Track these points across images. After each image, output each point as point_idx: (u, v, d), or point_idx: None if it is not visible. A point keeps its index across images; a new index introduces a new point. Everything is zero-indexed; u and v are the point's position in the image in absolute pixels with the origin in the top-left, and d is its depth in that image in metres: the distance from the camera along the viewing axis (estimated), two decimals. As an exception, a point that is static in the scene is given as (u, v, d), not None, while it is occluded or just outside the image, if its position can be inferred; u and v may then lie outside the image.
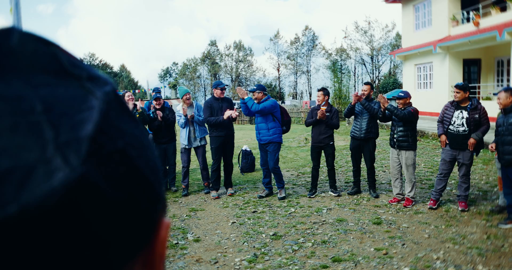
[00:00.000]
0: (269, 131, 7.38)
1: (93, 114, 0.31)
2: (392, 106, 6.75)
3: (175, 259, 4.89)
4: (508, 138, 5.41)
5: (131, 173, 0.32)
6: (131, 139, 0.34)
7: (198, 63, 59.92)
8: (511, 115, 5.44)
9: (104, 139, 0.31)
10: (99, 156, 0.30)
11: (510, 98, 5.49)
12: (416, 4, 21.56)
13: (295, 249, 5.12)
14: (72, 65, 0.34)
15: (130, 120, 0.36)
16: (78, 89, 0.32)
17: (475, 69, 19.84)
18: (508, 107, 5.48)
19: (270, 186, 7.73)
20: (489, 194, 7.31)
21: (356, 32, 50.13)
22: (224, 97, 7.89)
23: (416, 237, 5.43)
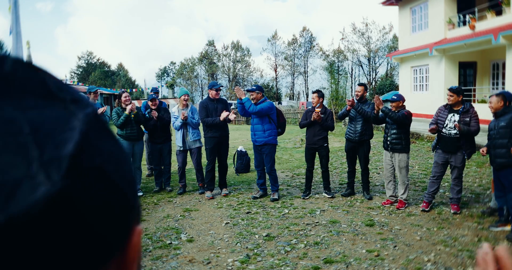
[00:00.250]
0: (264, 132, 7.42)
1: (74, 134, 0.35)
2: (386, 108, 6.80)
3: (168, 259, 4.92)
4: (499, 141, 5.46)
5: (107, 186, 0.37)
6: (109, 156, 0.38)
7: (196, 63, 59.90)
8: (502, 119, 5.50)
9: (83, 156, 0.35)
10: (78, 172, 0.34)
11: (501, 102, 5.55)
12: (413, 7, 21.65)
13: (287, 250, 5.16)
14: (58, 89, 0.39)
15: (108, 138, 0.40)
16: (63, 111, 0.37)
17: (471, 72, 19.95)
18: (499, 111, 5.54)
19: (265, 187, 7.77)
20: (482, 196, 7.37)
21: (354, 34, 50.23)
22: (219, 98, 7.93)
23: (408, 239, 5.47)
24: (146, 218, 6.56)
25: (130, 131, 7.77)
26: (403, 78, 23.35)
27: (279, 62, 56.98)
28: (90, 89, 8.85)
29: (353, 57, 51.68)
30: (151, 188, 8.52)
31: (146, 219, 6.51)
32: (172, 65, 69.32)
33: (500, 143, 5.45)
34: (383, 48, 50.21)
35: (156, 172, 8.41)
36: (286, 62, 56.83)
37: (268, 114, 7.45)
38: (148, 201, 7.57)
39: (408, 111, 6.77)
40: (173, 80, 61.07)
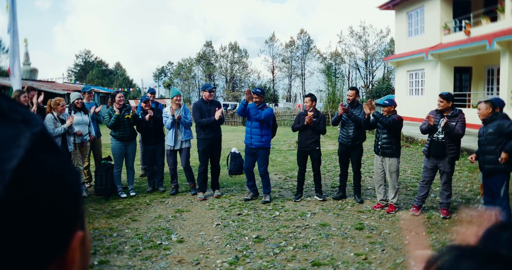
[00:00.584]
0: (262, 137, 7.51)
1: (19, 151, 0.42)
2: (378, 113, 6.86)
3: (157, 260, 4.96)
4: (487, 147, 5.53)
5: (47, 196, 0.43)
6: (52, 169, 0.44)
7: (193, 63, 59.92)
8: (490, 125, 5.56)
9: (26, 170, 0.41)
10: (20, 184, 0.40)
11: (489, 109, 5.61)
12: (409, 12, 21.78)
13: (276, 252, 5.20)
14: (11, 110, 0.45)
15: (53, 154, 0.46)
16: (12, 130, 0.43)
17: (467, 77, 20.07)
18: (488, 117, 5.60)
19: (255, 188, 7.82)
20: (472, 201, 7.44)
21: (351, 37, 50.39)
22: (213, 100, 7.99)
23: (396, 243, 5.52)
24: (138, 218, 6.60)
25: (123, 132, 7.80)
26: (399, 82, 23.47)
27: (277, 64, 57.06)
28: (84, 89, 8.86)
29: (350, 60, 51.83)
30: (144, 188, 8.56)
31: (137, 219, 6.55)
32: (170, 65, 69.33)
33: (488, 150, 5.52)
34: (380, 51, 50.39)
35: (149, 172, 8.44)
36: (283, 64, 56.93)
37: (268, 120, 7.55)
38: (141, 201, 7.61)
39: (399, 116, 6.83)
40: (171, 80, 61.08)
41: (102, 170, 7.91)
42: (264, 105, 7.61)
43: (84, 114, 7.80)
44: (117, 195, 7.93)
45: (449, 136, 6.29)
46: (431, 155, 6.49)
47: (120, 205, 7.41)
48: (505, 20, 15.04)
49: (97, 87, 40.33)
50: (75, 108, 7.71)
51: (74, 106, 7.72)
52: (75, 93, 7.91)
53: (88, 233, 0.52)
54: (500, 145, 5.44)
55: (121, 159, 7.93)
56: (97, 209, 7.15)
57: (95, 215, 6.75)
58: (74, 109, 7.70)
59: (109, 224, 6.27)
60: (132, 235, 5.81)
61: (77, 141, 7.73)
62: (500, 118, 5.58)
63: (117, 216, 6.70)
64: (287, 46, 56.75)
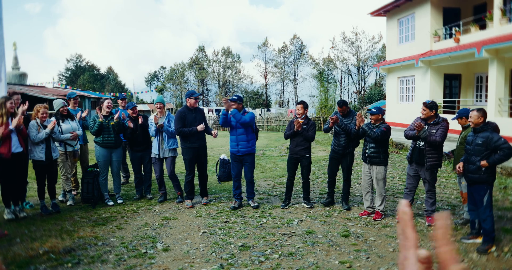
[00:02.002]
0: (248, 142, 7.57)
1: None
2: (367, 126, 6.91)
3: (142, 269, 4.94)
4: (472, 158, 5.57)
5: None
6: None
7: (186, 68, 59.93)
8: (480, 136, 5.58)
9: None
10: None
11: (481, 118, 5.64)
12: (400, 18, 21.94)
13: (261, 260, 5.21)
14: None
15: None
16: None
17: (456, 83, 20.23)
18: (479, 127, 5.63)
19: (241, 197, 7.84)
20: (457, 209, 7.48)
21: (343, 43, 50.68)
22: (197, 108, 7.92)
23: (381, 251, 5.55)
24: (124, 227, 6.58)
25: (107, 139, 7.76)
26: (390, 88, 23.60)
27: (269, 69, 57.22)
28: (70, 95, 8.67)
29: (343, 66, 52.10)
30: (131, 195, 8.54)
31: (124, 228, 6.53)
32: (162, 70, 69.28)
33: (473, 160, 5.56)
34: (372, 57, 50.70)
35: (136, 179, 8.41)
36: (276, 69, 57.10)
37: (251, 124, 7.58)
38: (128, 209, 7.58)
39: (387, 127, 6.87)
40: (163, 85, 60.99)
41: (89, 177, 7.87)
42: (244, 111, 7.65)
43: (72, 121, 7.75)
44: (104, 202, 7.90)
45: (427, 143, 6.35)
46: (414, 161, 6.56)
47: (106, 213, 7.38)
48: (493, 28, 15.20)
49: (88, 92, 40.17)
50: (61, 116, 7.64)
51: (60, 114, 7.64)
52: (58, 100, 7.76)
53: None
54: (484, 158, 5.49)
55: (106, 167, 7.89)
56: (83, 217, 7.12)
57: (80, 224, 6.72)
58: (60, 117, 7.62)
59: (95, 233, 6.24)
60: (117, 244, 5.79)
61: (68, 149, 7.67)
62: (491, 129, 5.62)
63: (103, 224, 6.68)
64: (280, 51, 56.97)
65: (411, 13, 20.68)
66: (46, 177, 7.22)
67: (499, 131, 5.90)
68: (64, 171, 7.69)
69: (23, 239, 5.94)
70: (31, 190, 8.41)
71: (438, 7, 19.12)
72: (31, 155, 7.03)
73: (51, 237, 6.03)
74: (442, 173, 10.58)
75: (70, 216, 7.14)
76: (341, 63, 51.83)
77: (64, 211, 7.47)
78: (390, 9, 22.15)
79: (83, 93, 36.46)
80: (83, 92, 37.37)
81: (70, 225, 6.65)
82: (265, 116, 38.86)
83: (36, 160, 7.02)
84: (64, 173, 7.70)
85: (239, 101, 7.57)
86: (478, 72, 19.03)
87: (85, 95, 35.31)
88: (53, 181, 7.33)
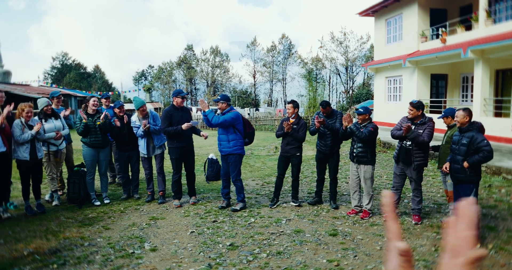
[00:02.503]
0: (229, 143, 7.42)
1: None
2: (354, 127, 6.93)
3: (129, 269, 4.91)
4: (457, 157, 5.63)
5: None
6: None
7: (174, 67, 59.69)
8: (465, 136, 5.64)
9: None
10: None
11: (467, 118, 5.69)
12: (388, 19, 22.08)
13: (249, 260, 5.21)
14: None
15: None
16: None
17: (443, 83, 20.42)
18: (465, 127, 5.69)
19: (229, 197, 7.80)
20: (443, 207, 7.55)
21: (332, 43, 50.87)
22: (184, 107, 7.86)
23: (368, 249, 5.58)
24: (111, 227, 6.53)
25: (94, 139, 7.68)
26: (378, 88, 23.74)
27: (258, 68, 57.24)
28: (53, 94, 8.51)
29: (331, 65, 52.29)
30: (119, 195, 8.48)
31: (110, 228, 6.48)
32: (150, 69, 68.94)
33: (458, 159, 5.62)
34: (360, 57, 50.95)
35: (124, 179, 8.35)
36: (264, 69, 57.13)
37: (233, 124, 7.39)
38: (115, 209, 7.53)
39: (374, 127, 6.90)
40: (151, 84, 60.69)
41: (75, 177, 7.79)
42: (229, 110, 7.47)
43: (56, 120, 7.62)
44: (91, 203, 7.83)
45: (414, 143, 6.40)
46: (400, 160, 6.61)
47: (93, 213, 7.32)
48: (478, 29, 15.37)
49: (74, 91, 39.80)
50: (45, 115, 7.51)
51: (44, 113, 7.50)
52: (43, 99, 7.61)
53: None
54: (468, 157, 5.55)
55: (93, 166, 7.82)
56: (69, 217, 7.05)
57: (66, 224, 6.65)
58: (44, 116, 7.49)
59: (81, 233, 6.19)
60: (104, 244, 5.74)
61: (52, 149, 7.55)
62: (476, 129, 5.67)
63: (89, 225, 6.62)
64: (269, 50, 57.00)
65: (399, 14, 20.82)
66: (30, 177, 7.13)
67: (484, 131, 5.97)
68: (49, 171, 7.59)
69: (7, 240, 5.86)
70: (15, 191, 8.30)
71: (425, 8, 19.27)
72: (15, 155, 6.92)
73: (36, 238, 5.96)
74: (428, 172, 10.67)
75: (56, 217, 7.07)
76: (329, 62, 52.05)
77: (49, 211, 7.39)
78: (378, 10, 22.28)
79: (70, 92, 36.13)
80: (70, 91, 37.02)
81: (55, 225, 6.58)
82: (253, 115, 38.87)
83: (20, 160, 6.92)
84: (49, 172, 7.60)
85: (222, 101, 7.48)
86: (464, 72, 19.23)
87: (72, 94, 34.98)
88: (38, 181, 7.24)
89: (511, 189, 8.72)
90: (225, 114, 7.38)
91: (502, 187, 8.90)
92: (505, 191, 8.56)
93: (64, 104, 8.95)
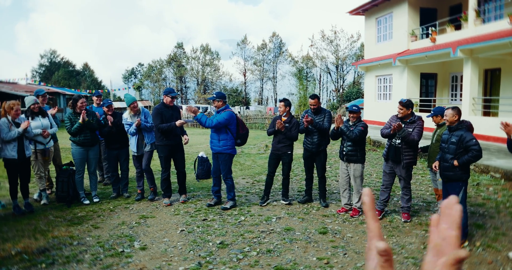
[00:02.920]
0: (219, 142, 7.39)
1: None
2: (345, 127, 6.93)
3: (118, 268, 4.89)
4: (447, 155, 5.66)
5: None
6: None
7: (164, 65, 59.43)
8: (455, 133, 5.67)
9: None
10: None
11: (456, 116, 5.73)
12: (378, 18, 22.17)
13: (239, 258, 5.20)
14: None
15: None
16: None
17: (433, 82, 20.57)
18: (454, 125, 5.72)
19: (219, 195, 7.79)
20: (432, 205, 7.60)
21: (322, 41, 50.94)
22: (174, 106, 7.85)
23: (358, 247, 5.60)
24: (100, 226, 6.49)
25: (83, 138, 7.61)
26: (368, 87, 23.84)
27: (249, 66, 57.18)
28: (38, 92, 8.39)
29: (322, 64, 52.38)
30: (108, 194, 8.42)
31: (100, 227, 6.44)
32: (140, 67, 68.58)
33: (448, 158, 5.65)
34: (351, 56, 51.10)
35: (113, 178, 8.30)
36: (255, 67, 57.08)
37: (226, 125, 7.35)
38: (104, 208, 7.48)
39: (364, 125, 6.93)
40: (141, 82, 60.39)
41: (63, 176, 7.73)
42: (224, 109, 7.44)
43: (43, 118, 7.56)
44: (80, 201, 7.77)
45: (404, 142, 6.44)
46: (390, 159, 6.65)
47: (82, 212, 7.27)
48: (468, 29, 15.49)
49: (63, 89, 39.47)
50: (32, 113, 7.44)
51: (31, 111, 7.43)
52: (30, 97, 7.54)
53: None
54: (457, 156, 5.59)
55: (83, 165, 7.75)
56: (58, 216, 6.99)
57: (55, 223, 6.60)
58: (31, 114, 7.42)
59: (70, 232, 6.14)
60: (94, 243, 5.70)
61: (39, 147, 7.48)
62: (465, 128, 5.71)
63: (78, 224, 6.57)
64: (259, 48, 56.96)
65: (389, 13, 20.91)
66: (18, 176, 7.05)
67: (473, 129, 6.02)
68: (37, 170, 7.52)
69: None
70: (3, 190, 8.22)
71: (415, 7, 19.38)
72: (2, 154, 6.84)
73: (24, 237, 5.91)
74: (418, 170, 10.74)
75: (44, 216, 7.00)
76: (320, 61, 52.12)
77: (38, 210, 7.32)
78: (368, 8, 22.36)
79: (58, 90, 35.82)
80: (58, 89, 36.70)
81: (44, 224, 6.52)
82: (244, 113, 38.85)
83: (8, 159, 6.84)
84: (37, 171, 7.53)
85: (218, 99, 7.46)
86: (453, 71, 19.37)
87: (60, 92, 34.68)
88: (26, 180, 7.16)
89: (498, 187, 8.82)
90: (219, 115, 7.33)
91: (490, 186, 8.99)
92: (493, 190, 8.65)
93: (52, 102, 8.84)
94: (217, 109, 7.46)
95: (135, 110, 7.89)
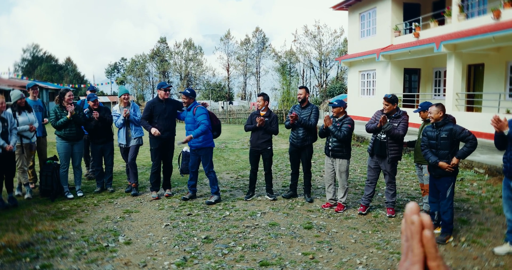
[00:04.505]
0: (199, 137, 7.38)
1: None
2: (333, 128, 6.91)
3: (103, 262, 4.83)
4: (441, 152, 5.67)
5: None
6: None
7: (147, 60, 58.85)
8: (443, 130, 5.69)
9: None
10: None
11: (440, 113, 5.76)
12: (362, 13, 22.25)
13: (225, 253, 5.19)
14: None
15: None
16: None
17: (416, 78, 20.75)
18: (440, 121, 5.75)
19: (195, 189, 7.79)
20: (417, 200, 7.67)
21: (306, 36, 50.95)
22: (169, 99, 7.81)
23: (343, 242, 5.62)
24: (84, 220, 6.42)
25: (68, 131, 7.51)
26: (351, 82, 23.94)
27: (232, 61, 56.97)
28: (28, 85, 8.38)
29: (305, 59, 52.41)
30: (92, 188, 8.33)
31: (84, 221, 6.36)
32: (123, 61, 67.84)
33: (442, 154, 5.66)
34: (334, 51, 51.20)
35: (97, 172, 8.20)
36: (238, 62, 56.89)
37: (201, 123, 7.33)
38: (88, 202, 7.40)
39: (351, 123, 6.91)
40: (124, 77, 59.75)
41: (47, 170, 7.63)
42: (194, 104, 7.47)
43: (29, 113, 7.47)
44: (64, 196, 7.68)
45: (390, 136, 6.47)
46: (375, 154, 6.67)
47: (66, 206, 7.18)
48: (451, 24, 15.64)
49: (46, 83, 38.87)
50: (18, 108, 7.35)
51: (17, 106, 7.34)
52: (16, 91, 7.43)
53: None
54: (453, 150, 5.63)
55: (67, 159, 7.66)
56: (42, 210, 6.89)
57: (39, 217, 6.51)
58: (17, 109, 7.33)
59: (54, 226, 6.06)
60: (78, 238, 5.63)
61: (24, 142, 7.40)
62: (451, 123, 5.76)
63: (62, 218, 6.49)
64: (243, 44, 56.74)
65: (373, 8, 21.00)
66: (2, 169, 6.93)
67: (455, 124, 6.06)
68: (20, 164, 7.41)
69: (-24, 234, 5.69)
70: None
71: (399, 2, 19.49)
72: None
73: (8, 231, 5.82)
74: (402, 166, 10.84)
75: (28, 210, 6.90)
76: (303, 56, 52.11)
77: (21, 204, 7.21)
78: (352, 3, 22.41)
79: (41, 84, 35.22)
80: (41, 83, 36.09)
81: (28, 219, 6.43)
82: (227, 109, 38.74)
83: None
84: (21, 165, 7.43)
85: (191, 96, 7.46)
86: (436, 67, 19.56)
87: (43, 86, 34.13)
88: (11, 174, 7.06)
89: (482, 182, 8.93)
90: (199, 117, 7.30)
91: (474, 181, 9.10)
92: (477, 185, 8.76)
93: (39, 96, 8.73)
94: (186, 106, 7.45)
95: (125, 102, 7.84)
